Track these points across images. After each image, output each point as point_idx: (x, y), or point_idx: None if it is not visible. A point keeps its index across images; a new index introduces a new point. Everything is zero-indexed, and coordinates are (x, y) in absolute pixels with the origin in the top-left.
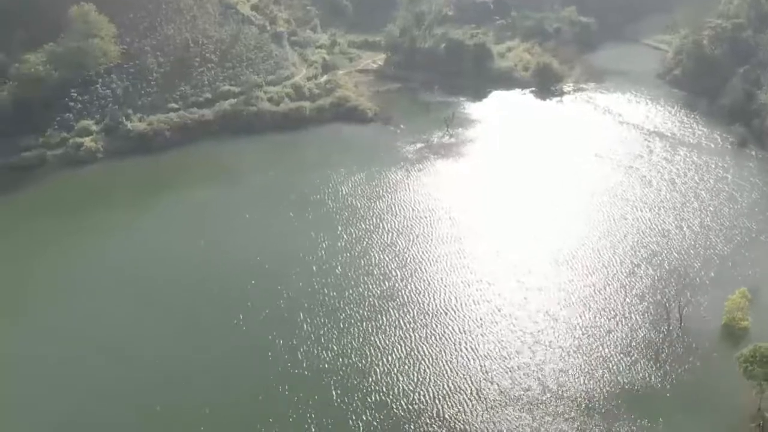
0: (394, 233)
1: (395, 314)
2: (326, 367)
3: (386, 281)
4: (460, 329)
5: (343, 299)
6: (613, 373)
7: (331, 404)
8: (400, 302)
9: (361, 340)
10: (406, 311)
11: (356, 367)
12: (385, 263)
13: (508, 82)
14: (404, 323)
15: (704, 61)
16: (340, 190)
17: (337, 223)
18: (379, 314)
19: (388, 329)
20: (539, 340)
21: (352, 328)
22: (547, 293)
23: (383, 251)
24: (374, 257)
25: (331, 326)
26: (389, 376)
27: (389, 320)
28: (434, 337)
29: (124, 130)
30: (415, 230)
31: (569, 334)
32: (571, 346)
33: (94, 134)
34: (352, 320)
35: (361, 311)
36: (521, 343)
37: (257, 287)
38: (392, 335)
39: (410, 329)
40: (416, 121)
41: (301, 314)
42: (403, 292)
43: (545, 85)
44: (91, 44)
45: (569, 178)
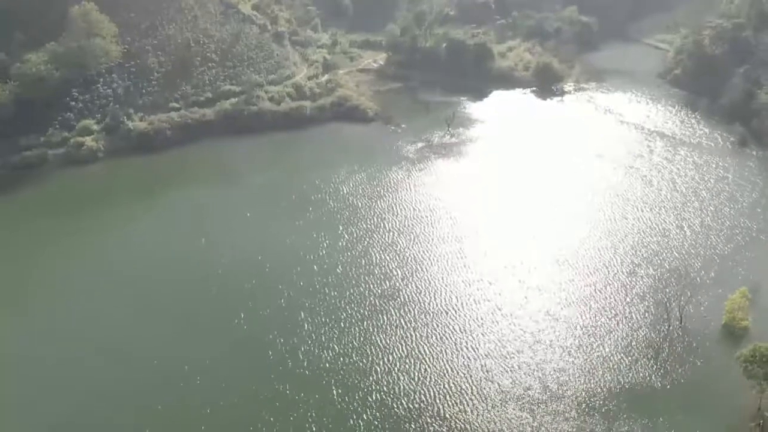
0: (394, 233)
1: (396, 314)
2: (327, 366)
3: (387, 281)
4: (460, 328)
5: (343, 299)
6: (613, 372)
7: (331, 404)
8: (400, 302)
9: (361, 339)
10: (406, 311)
11: (357, 366)
12: (385, 263)
13: (508, 81)
14: (405, 322)
15: (705, 60)
16: (340, 189)
17: (338, 222)
18: (379, 313)
19: (388, 328)
20: (540, 339)
21: (352, 327)
22: (547, 293)
23: (384, 251)
24: (375, 257)
25: (331, 325)
26: (390, 375)
27: (390, 319)
28: (435, 336)
29: (125, 129)
30: (415, 230)
31: (570, 333)
32: (571, 345)
33: (95, 133)
34: (352, 319)
35: (361, 310)
36: (522, 342)
37: (258, 287)
38: (393, 334)
39: (411, 328)
40: (417, 120)
41: (301, 314)
42: (403, 291)
43: (546, 84)
44: (92, 44)
45: (570, 177)
